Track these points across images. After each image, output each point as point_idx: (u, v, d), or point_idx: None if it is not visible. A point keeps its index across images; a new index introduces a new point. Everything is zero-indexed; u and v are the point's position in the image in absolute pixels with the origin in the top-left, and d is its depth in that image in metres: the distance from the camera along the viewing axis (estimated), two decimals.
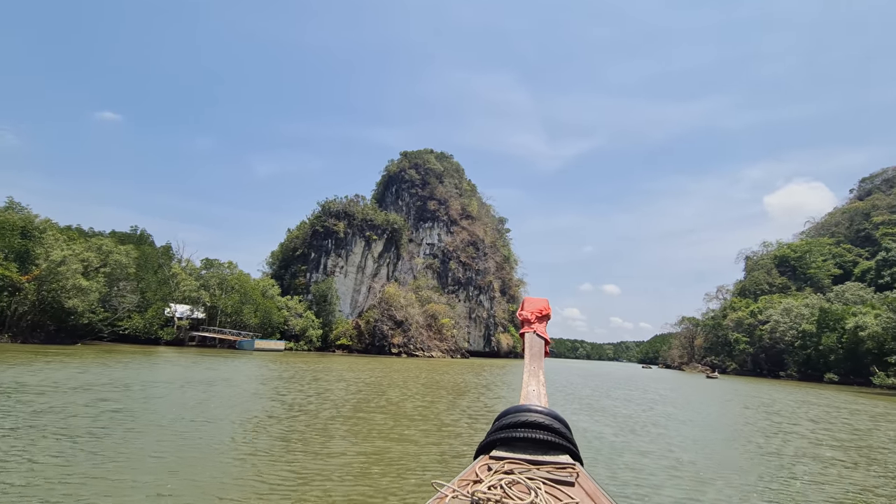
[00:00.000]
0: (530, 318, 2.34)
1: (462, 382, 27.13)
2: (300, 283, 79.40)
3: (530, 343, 2.24)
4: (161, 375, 20.35)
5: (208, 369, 24.97)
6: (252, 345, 52.34)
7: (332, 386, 20.03)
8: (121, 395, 13.57)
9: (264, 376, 23.24)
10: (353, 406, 14.52)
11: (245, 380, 20.79)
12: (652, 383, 40.10)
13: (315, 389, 18.31)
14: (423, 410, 14.48)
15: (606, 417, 15.75)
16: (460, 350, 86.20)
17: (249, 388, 17.85)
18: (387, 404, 15.41)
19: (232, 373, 23.86)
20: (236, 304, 60.59)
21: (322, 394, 17.02)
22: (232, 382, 19.27)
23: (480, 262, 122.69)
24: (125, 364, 24.61)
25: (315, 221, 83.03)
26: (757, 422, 17.01)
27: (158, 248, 70.31)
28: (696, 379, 54.52)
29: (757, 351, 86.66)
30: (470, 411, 15.06)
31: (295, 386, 19.20)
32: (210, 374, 22.51)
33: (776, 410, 21.88)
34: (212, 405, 13.13)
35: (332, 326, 74.16)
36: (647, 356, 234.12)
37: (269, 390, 17.47)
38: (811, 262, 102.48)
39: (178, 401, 13.45)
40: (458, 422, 12.78)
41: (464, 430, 11.58)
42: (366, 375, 27.29)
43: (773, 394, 34.11)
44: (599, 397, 23.21)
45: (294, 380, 21.93)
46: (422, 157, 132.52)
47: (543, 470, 1.56)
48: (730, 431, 14.57)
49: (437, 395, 19.52)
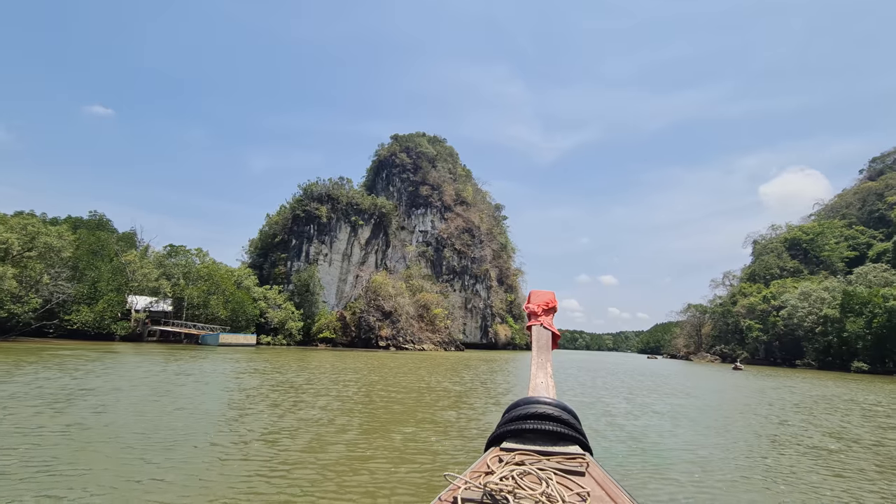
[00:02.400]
0: (537, 311, 2.32)
1: (431, 389, 21.29)
2: (280, 272, 73.31)
3: (537, 336, 2.23)
4: (18, 388, 14.36)
5: (118, 375, 18.98)
6: (216, 339, 46.38)
7: (246, 425, 14.06)
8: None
9: (189, 389, 17.30)
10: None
11: (150, 395, 14.83)
12: (673, 379, 34.40)
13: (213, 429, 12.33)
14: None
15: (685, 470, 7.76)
16: (454, 342, 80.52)
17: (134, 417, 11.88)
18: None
19: (148, 381, 17.90)
20: (203, 294, 54.48)
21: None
22: (111, 406, 13.29)
23: (476, 249, 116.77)
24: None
25: (296, 205, 76.73)
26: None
27: (120, 233, 64.05)
28: (718, 372, 48.60)
29: (771, 339, 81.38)
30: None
31: (194, 421, 13.22)
32: (114, 382, 16.55)
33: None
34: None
35: (315, 319, 68.26)
36: (649, 346, 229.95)
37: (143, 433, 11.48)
38: (824, 244, 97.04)
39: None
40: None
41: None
42: (316, 380, 21.42)
43: (838, 390, 28.42)
44: (633, 411, 17.37)
45: (210, 406, 15.99)
46: (413, 141, 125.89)
47: (554, 461, 1.57)
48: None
49: (375, 422, 13.63)
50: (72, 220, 61.20)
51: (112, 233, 62.16)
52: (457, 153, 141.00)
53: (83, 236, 54.64)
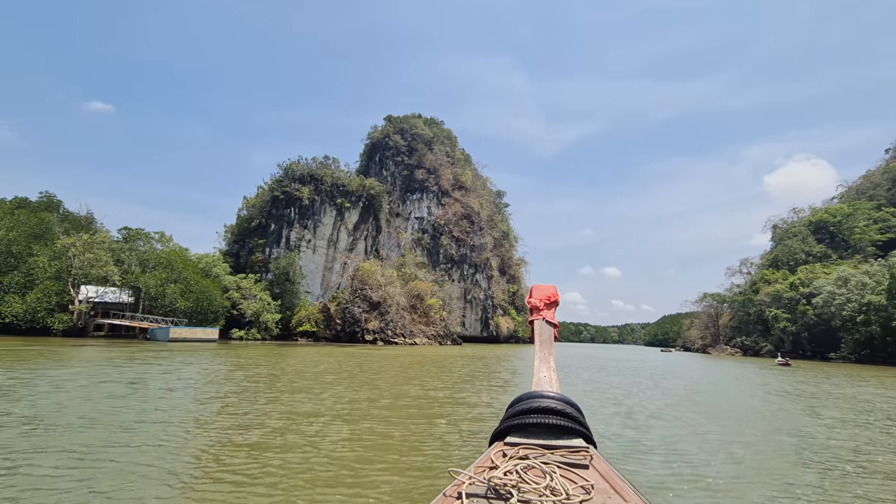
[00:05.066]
0: (539, 306, 2.31)
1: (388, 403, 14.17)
2: (257, 259, 66.41)
3: (540, 330, 2.21)
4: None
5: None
6: (167, 334, 39.54)
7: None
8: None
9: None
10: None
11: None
12: (723, 384, 27.23)
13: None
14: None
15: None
16: (451, 335, 73.57)
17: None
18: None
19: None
20: (160, 283, 47.63)
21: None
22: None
23: (476, 237, 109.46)
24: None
25: (274, 186, 69.61)
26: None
27: (78, 216, 57.20)
28: (764, 371, 41.15)
29: (800, 329, 73.97)
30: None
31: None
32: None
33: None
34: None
35: (295, 311, 61.41)
36: (657, 338, 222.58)
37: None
38: (853, 226, 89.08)
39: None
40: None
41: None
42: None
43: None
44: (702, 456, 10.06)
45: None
46: (409, 122, 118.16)
47: (558, 454, 1.58)
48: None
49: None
50: (17, 201, 54.40)
51: (64, 216, 55.35)
52: (455, 136, 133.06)
53: (23, 217, 47.93)
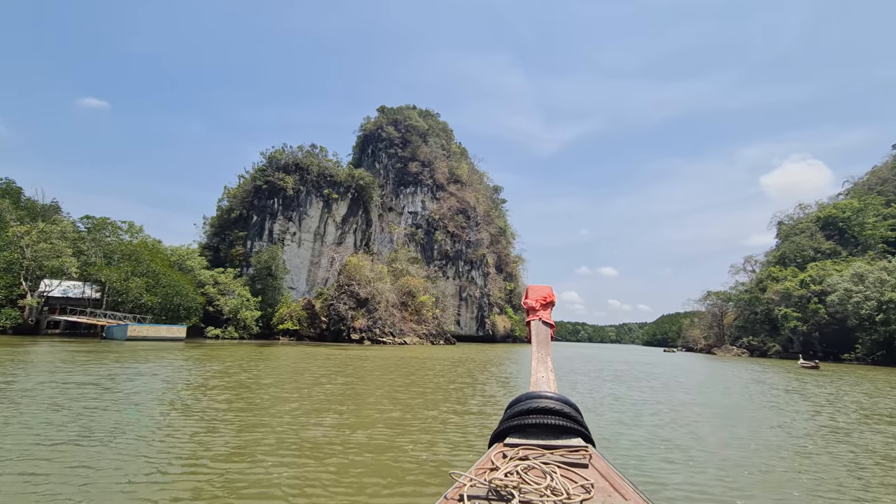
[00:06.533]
0: (535, 307, 2.31)
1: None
2: (238, 253, 62.23)
3: (536, 331, 2.22)
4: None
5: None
6: (124, 332, 35.39)
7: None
8: None
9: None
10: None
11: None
12: (759, 395, 23.32)
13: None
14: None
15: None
16: (444, 335, 69.60)
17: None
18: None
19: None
20: (122, 277, 43.42)
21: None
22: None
23: (472, 232, 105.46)
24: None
25: (257, 175, 65.40)
26: None
27: (41, 205, 52.92)
28: (792, 375, 37.23)
29: (811, 329, 70.41)
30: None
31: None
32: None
33: None
34: None
35: (277, 308, 57.29)
36: (655, 338, 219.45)
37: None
38: (864, 222, 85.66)
39: None
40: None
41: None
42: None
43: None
44: None
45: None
46: (402, 114, 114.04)
47: (557, 454, 1.60)
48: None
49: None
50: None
51: (24, 205, 51.05)
52: (451, 129, 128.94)
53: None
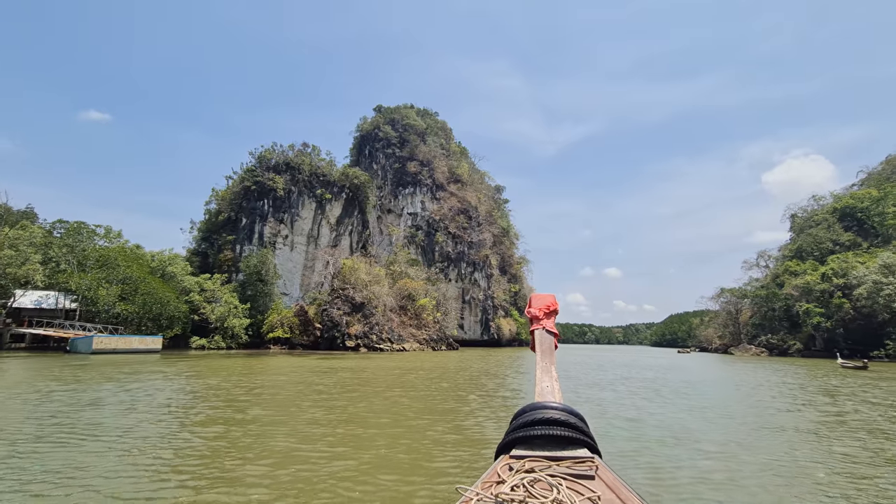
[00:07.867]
0: (538, 315, 2.30)
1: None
2: (226, 258, 58.91)
3: (540, 340, 2.21)
4: None
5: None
6: (89, 345, 32.04)
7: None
8: None
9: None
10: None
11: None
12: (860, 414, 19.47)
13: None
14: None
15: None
16: (446, 339, 65.91)
17: None
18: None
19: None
20: (93, 284, 40.12)
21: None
22: None
23: (474, 233, 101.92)
24: None
25: (246, 176, 62.25)
26: None
27: (15, 211, 49.90)
28: (848, 380, 33.19)
29: (835, 325, 66.25)
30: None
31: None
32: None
33: None
34: None
35: (267, 315, 53.87)
36: (664, 338, 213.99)
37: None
38: (885, 212, 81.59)
39: None
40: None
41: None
42: None
43: None
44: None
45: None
46: (400, 113, 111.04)
47: (563, 465, 1.56)
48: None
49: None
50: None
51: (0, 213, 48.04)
52: (450, 128, 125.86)
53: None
